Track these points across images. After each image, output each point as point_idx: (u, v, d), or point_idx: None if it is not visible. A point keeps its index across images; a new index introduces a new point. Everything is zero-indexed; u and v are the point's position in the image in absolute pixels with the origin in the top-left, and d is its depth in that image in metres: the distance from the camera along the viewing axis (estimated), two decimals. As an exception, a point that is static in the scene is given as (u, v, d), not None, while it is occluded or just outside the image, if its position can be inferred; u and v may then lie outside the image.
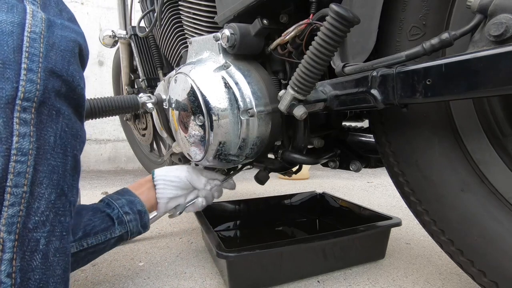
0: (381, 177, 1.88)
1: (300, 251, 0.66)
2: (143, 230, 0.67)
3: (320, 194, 1.03)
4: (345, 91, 0.49)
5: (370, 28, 0.47)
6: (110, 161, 2.22)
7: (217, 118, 0.61)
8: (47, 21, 0.36)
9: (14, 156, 0.33)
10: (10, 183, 0.32)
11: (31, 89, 0.33)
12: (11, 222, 0.32)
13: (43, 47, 0.35)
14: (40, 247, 0.34)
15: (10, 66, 0.33)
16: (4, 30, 0.33)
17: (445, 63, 0.37)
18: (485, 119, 0.46)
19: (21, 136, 0.33)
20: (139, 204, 0.66)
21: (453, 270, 0.72)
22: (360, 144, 0.71)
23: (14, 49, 0.33)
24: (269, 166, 0.75)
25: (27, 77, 0.33)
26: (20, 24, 0.34)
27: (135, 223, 0.64)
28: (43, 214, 0.35)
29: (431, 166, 0.50)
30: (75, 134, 0.39)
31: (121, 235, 0.62)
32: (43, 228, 0.35)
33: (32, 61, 0.34)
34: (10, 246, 0.32)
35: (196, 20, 0.78)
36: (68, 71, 0.37)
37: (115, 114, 0.75)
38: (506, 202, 0.45)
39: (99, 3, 2.12)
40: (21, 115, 0.33)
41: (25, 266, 0.33)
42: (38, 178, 0.34)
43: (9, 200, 0.32)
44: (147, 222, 0.67)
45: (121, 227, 0.62)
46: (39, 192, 0.34)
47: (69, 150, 0.38)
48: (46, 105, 0.35)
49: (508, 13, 0.34)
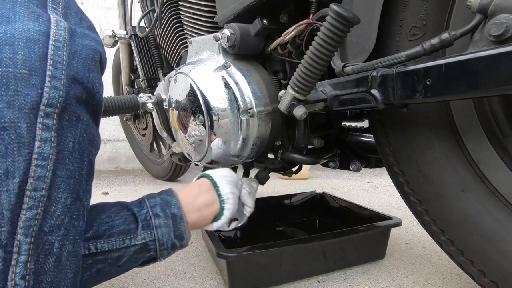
0: (381, 177, 1.88)
1: (300, 251, 0.66)
2: (178, 242, 0.50)
3: (320, 194, 1.03)
4: (345, 91, 0.49)
5: (370, 28, 0.47)
6: (110, 161, 2.22)
7: (217, 118, 0.61)
8: (69, 30, 0.37)
9: (35, 161, 0.33)
10: (30, 187, 0.33)
11: (55, 96, 0.34)
12: (28, 225, 0.33)
13: (66, 55, 0.36)
14: (54, 250, 0.35)
15: (36, 73, 0.34)
16: (31, 38, 0.34)
17: (445, 63, 0.37)
18: (485, 119, 0.46)
19: (43, 141, 0.34)
20: (175, 206, 0.51)
21: (453, 270, 0.72)
22: (360, 144, 0.71)
23: (40, 57, 0.34)
24: (269, 166, 0.75)
25: (51, 84, 0.34)
26: (46, 33, 0.35)
27: (166, 231, 0.49)
28: (58, 218, 0.35)
29: (431, 166, 0.50)
30: (91, 139, 0.40)
31: (144, 244, 0.47)
32: (58, 232, 0.35)
33: (56, 68, 0.35)
34: (26, 248, 0.33)
35: (196, 20, 0.78)
36: (89, 78, 0.38)
37: (115, 114, 0.75)
38: (506, 202, 0.45)
39: (99, 3, 2.12)
40: (44, 121, 0.34)
41: (38, 268, 0.34)
42: (56, 183, 0.35)
43: (27, 203, 0.33)
44: (184, 232, 0.51)
45: (145, 233, 0.47)
46: (56, 196, 0.35)
47: (86, 156, 0.39)
48: (67, 111, 0.36)
49: (508, 13, 0.34)
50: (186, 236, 0.51)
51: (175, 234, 0.50)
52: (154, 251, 0.49)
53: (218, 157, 0.67)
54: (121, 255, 0.46)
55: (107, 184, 1.71)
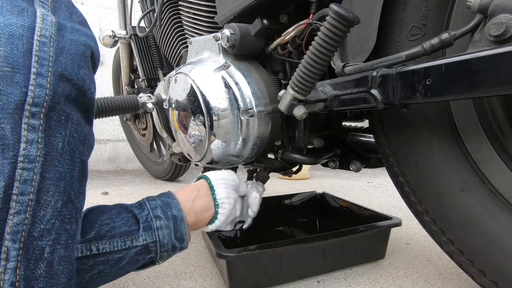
0: (381, 177, 1.88)
1: (300, 251, 0.66)
2: (178, 244, 0.51)
3: (320, 194, 1.03)
4: (345, 91, 0.49)
5: (370, 28, 0.47)
6: (110, 161, 2.22)
7: (217, 118, 0.61)
8: (57, 24, 0.36)
9: (21, 163, 0.32)
10: (16, 191, 0.32)
11: (40, 94, 0.33)
12: (16, 230, 0.32)
13: (53, 51, 0.34)
14: (45, 256, 0.34)
15: (19, 70, 0.32)
16: (14, 34, 0.32)
17: (445, 63, 0.37)
18: (485, 119, 0.46)
19: (29, 142, 0.32)
20: (176, 208, 0.52)
21: (453, 270, 0.72)
22: (360, 144, 0.71)
23: (24, 53, 0.32)
24: (269, 166, 0.75)
25: (37, 81, 0.33)
26: (30, 28, 0.33)
27: (167, 232, 0.50)
28: (48, 222, 0.34)
29: (431, 166, 0.50)
30: (83, 139, 0.38)
31: (146, 245, 0.48)
32: (49, 236, 0.34)
33: (41, 65, 0.33)
34: (15, 254, 0.32)
35: (196, 20, 0.78)
36: (79, 75, 0.36)
37: (115, 114, 0.75)
38: (506, 202, 0.45)
39: (99, 3, 2.12)
40: (30, 121, 0.32)
41: (29, 274, 0.33)
42: (44, 186, 0.34)
43: (14, 208, 0.32)
44: (184, 233, 0.51)
45: (146, 234, 0.48)
46: (46, 200, 0.34)
47: (77, 156, 0.37)
48: (56, 110, 0.34)
49: (508, 13, 0.34)
50: (186, 237, 0.52)
51: (175, 235, 0.51)
52: (155, 252, 0.49)
53: (218, 157, 0.67)
54: (122, 257, 0.46)
55: (107, 184, 1.71)
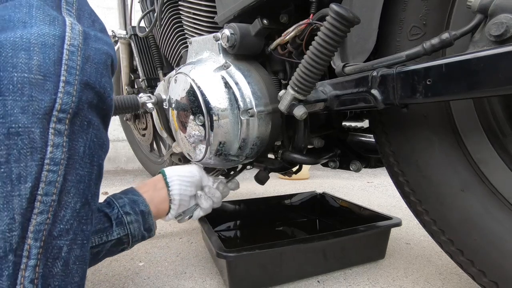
0: (381, 177, 1.88)
1: (300, 251, 0.66)
2: (147, 234, 0.61)
3: (320, 194, 1.03)
4: (345, 91, 0.49)
5: (370, 28, 0.47)
6: (110, 161, 2.22)
7: (217, 118, 0.61)
8: (84, 33, 0.37)
9: (47, 166, 0.34)
10: (41, 192, 0.33)
11: (68, 101, 0.35)
12: (38, 229, 0.33)
13: (80, 60, 0.36)
14: (62, 255, 0.35)
15: (50, 78, 0.34)
16: (46, 43, 0.34)
17: (446, 63, 0.37)
18: (485, 119, 0.46)
19: (55, 146, 0.34)
20: (143, 204, 0.60)
21: (453, 270, 0.72)
22: (360, 144, 0.71)
23: (54, 62, 0.34)
24: (269, 166, 0.75)
25: (65, 89, 0.35)
26: (61, 37, 0.35)
27: (137, 225, 0.58)
28: (68, 222, 0.36)
29: (431, 166, 0.49)
30: (101, 144, 0.40)
31: (119, 238, 0.56)
32: (67, 236, 0.36)
33: (70, 73, 0.35)
34: (36, 253, 0.33)
35: (196, 20, 0.78)
36: (101, 83, 0.38)
37: (115, 114, 0.75)
38: (506, 202, 0.45)
39: (99, 3, 2.12)
40: (57, 126, 0.34)
41: (46, 272, 0.34)
42: (66, 187, 0.35)
43: (38, 208, 0.33)
44: (152, 225, 0.61)
45: (119, 229, 0.56)
46: (66, 201, 0.36)
47: (95, 160, 0.39)
48: (79, 116, 0.36)
49: (508, 13, 0.34)
50: (153, 228, 0.62)
51: (144, 227, 0.60)
52: (127, 243, 0.58)
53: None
54: (99, 250, 0.55)
55: (107, 184, 1.71)
